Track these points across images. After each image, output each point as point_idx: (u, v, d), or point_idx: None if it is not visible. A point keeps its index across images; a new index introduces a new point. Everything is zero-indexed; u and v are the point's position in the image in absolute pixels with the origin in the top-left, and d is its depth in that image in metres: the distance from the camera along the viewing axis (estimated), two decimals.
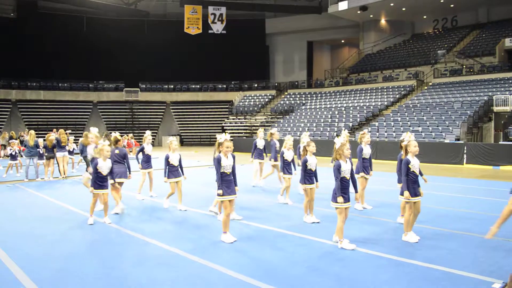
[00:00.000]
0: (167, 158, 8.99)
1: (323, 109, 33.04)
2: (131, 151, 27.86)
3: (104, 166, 7.95)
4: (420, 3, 34.37)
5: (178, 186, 9.21)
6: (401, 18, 39.41)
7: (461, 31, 36.43)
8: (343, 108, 31.71)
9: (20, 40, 37.74)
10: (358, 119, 28.77)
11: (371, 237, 7.00)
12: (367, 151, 9.13)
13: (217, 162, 6.77)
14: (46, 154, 14.88)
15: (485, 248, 6.41)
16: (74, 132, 32.01)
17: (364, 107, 30.54)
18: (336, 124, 28.70)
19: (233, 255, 6.15)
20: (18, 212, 9.37)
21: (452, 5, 35.06)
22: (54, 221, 8.47)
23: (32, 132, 15.12)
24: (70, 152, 16.47)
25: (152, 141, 38.88)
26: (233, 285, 5.06)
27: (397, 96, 30.93)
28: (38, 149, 14.82)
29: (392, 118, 26.63)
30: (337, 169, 6.45)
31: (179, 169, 9.15)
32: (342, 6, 35.27)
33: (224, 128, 35.98)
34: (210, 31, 39.92)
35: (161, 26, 42.35)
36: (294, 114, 34.22)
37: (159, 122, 41.02)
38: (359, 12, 35.82)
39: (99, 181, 7.98)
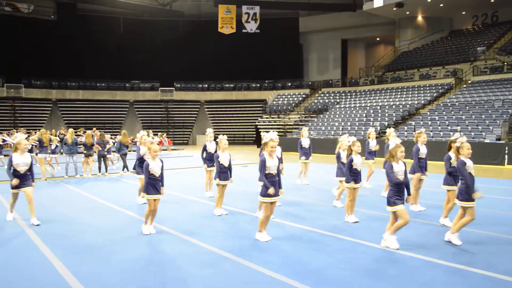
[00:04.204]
0: (217, 158, 8.51)
1: (358, 108, 32.61)
2: (165, 149, 28.33)
3: (156, 167, 7.09)
4: None
5: (223, 190, 8.65)
6: (438, 14, 38.42)
7: (502, 27, 35.18)
8: (378, 107, 31.20)
9: (60, 41, 38.88)
10: (394, 118, 28.24)
11: (413, 240, 6.81)
12: (423, 150, 8.86)
13: (262, 163, 6.58)
14: (85, 151, 15.28)
15: None
16: (111, 130, 32.79)
17: (400, 106, 29.96)
18: (371, 123, 28.28)
19: (270, 254, 6.11)
20: (58, 207, 9.65)
21: (492, 0, 33.94)
22: (92, 217, 8.68)
23: (71, 130, 15.55)
24: (108, 151, 16.76)
25: (187, 140, 39.82)
26: (269, 283, 5.04)
27: (435, 94, 30.19)
28: (77, 147, 15.24)
29: (429, 117, 26.02)
30: (390, 170, 6.19)
31: (228, 171, 8.57)
32: (378, 3, 34.67)
33: (258, 127, 36.02)
34: (244, 31, 40.07)
35: (195, 26, 42.81)
36: (328, 113, 33.90)
37: (194, 121, 41.49)
38: (395, 9, 35.14)
39: (152, 185, 7.10)
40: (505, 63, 29.43)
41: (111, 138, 17.52)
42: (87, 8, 40.61)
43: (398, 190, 6.18)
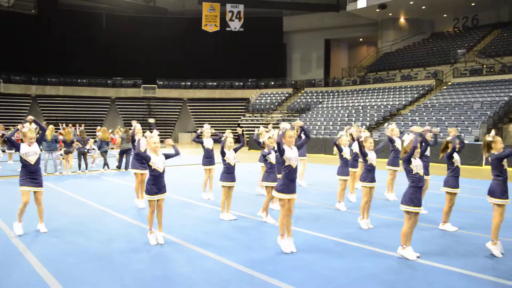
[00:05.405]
0: (223, 156, 7.97)
1: (340, 108, 32.84)
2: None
3: (159, 162, 6.37)
4: (440, 2, 33.83)
5: (229, 192, 8.04)
6: (420, 17, 38.91)
7: (482, 30, 35.82)
8: (360, 107, 31.47)
9: (41, 36, 38.20)
10: (376, 118, 28.52)
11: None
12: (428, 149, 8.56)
13: (282, 154, 5.89)
14: (64, 148, 15.06)
15: None
16: (92, 127, 32.35)
17: (382, 106, 30.27)
18: (353, 123, 28.47)
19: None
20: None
21: (473, 4, 34.51)
22: (76, 218, 8.53)
23: (51, 126, 15.28)
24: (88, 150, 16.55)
25: (169, 138, 39.49)
26: None
27: (416, 95, 30.57)
28: (56, 144, 15.01)
29: (410, 118, 26.33)
30: (407, 164, 5.71)
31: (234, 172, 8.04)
32: (361, 4, 34.95)
33: (240, 126, 35.96)
34: (227, 29, 40.04)
35: (179, 23, 42.48)
36: (310, 112, 34.07)
37: (176, 119, 41.25)
38: (378, 10, 35.48)
39: (156, 184, 6.35)
40: (485, 66, 29.97)
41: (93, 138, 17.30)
42: (69, 3, 40.02)
43: (417, 188, 5.74)
